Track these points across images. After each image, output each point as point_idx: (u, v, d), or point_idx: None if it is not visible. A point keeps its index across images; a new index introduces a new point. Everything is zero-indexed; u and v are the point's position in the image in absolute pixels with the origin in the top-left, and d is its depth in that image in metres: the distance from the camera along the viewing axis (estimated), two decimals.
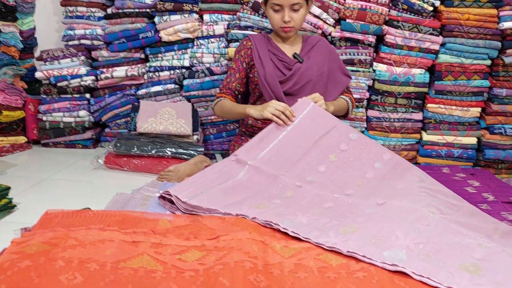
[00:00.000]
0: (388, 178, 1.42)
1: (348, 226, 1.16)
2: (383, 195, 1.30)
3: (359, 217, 1.21)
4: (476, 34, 2.21)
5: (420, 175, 1.45)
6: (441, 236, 1.10)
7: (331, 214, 1.26)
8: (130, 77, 2.47)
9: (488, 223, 1.33)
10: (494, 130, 2.28)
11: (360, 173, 1.46)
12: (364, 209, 1.25)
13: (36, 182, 1.89)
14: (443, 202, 1.31)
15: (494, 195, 1.76)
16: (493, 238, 1.18)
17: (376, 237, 1.08)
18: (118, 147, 2.09)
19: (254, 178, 1.45)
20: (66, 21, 2.47)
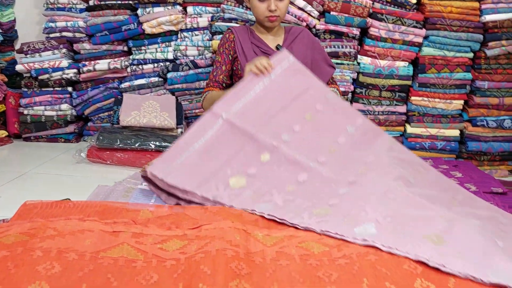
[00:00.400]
0: (359, 146, 1.45)
1: (321, 208, 1.20)
2: (354, 170, 1.35)
3: (331, 198, 1.25)
4: (458, 27, 2.22)
5: (390, 143, 1.50)
6: (406, 209, 1.17)
7: (305, 193, 1.29)
8: (112, 70, 2.44)
9: (448, 191, 1.39)
10: (477, 122, 2.31)
11: (332, 136, 1.47)
12: (337, 188, 1.29)
13: (17, 176, 1.86)
14: (410, 172, 1.37)
15: (476, 186, 1.78)
16: (453, 209, 1.26)
17: (347, 216, 1.14)
18: (101, 141, 2.06)
19: (229, 136, 1.40)
20: (47, 13, 2.43)
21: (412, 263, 0.92)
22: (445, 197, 1.34)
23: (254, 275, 0.87)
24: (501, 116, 2.30)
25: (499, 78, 2.26)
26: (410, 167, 1.41)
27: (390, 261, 0.93)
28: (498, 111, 2.30)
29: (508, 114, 2.30)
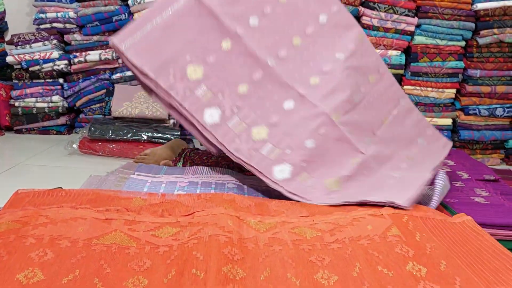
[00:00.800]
0: (323, 43, 1.43)
1: (261, 128, 1.31)
2: (306, 79, 1.37)
3: (273, 114, 1.33)
4: (450, 15, 2.23)
5: (355, 43, 1.46)
6: (327, 148, 1.31)
7: (253, 99, 1.33)
8: (104, 61, 2.42)
9: (389, 104, 1.50)
10: (469, 111, 2.32)
11: (302, 24, 1.41)
12: (283, 101, 1.34)
13: (8, 167, 1.84)
14: (359, 83, 1.42)
15: (468, 173, 1.79)
16: (377, 136, 1.43)
17: (274, 150, 1.28)
18: (93, 132, 2.05)
19: (195, 13, 1.31)
20: (38, 3, 2.40)
21: (404, 247, 0.93)
22: (376, 122, 1.44)
23: (247, 260, 0.87)
24: (493, 105, 2.31)
25: (491, 67, 2.27)
26: (364, 77, 1.44)
27: (382, 246, 0.94)
28: (490, 99, 2.31)
29: (500, 103, 2.32)
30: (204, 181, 1.39)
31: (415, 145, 1.53)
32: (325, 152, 1.32)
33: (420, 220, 1.02)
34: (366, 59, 1.49)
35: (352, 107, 1.38)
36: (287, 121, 1.34)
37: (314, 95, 1.36)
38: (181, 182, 1.36)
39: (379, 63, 1.53)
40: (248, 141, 1.26)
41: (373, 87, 1.46)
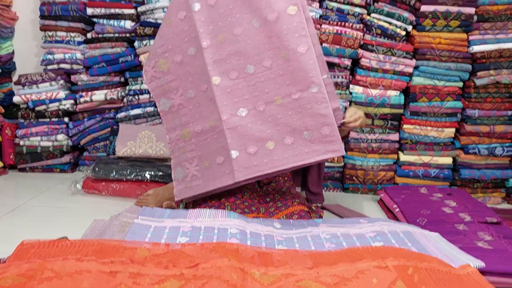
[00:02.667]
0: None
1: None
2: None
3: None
4: (447, 57, 2.29)
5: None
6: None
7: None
8: (109, 100, 2.47)
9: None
10: (469, 150, 2.35)
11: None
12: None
13: (12, 208, 1.85)
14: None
15: (470, 215, 1.80)
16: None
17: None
18: (97, 172, 2.07)
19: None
20: (46, 45, 2.47)
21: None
22: (264, 97, 1.58)
23: None
24: (493, 144, 2.34)
25: (489, 107, 2.31)
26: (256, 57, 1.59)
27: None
28: (489, 138, 2.34)
29: (499, 142, 2.35)
30: (207, 225, 1.39)
31: (294, 136, 1.55)
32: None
33: (425, 272, 1.02)
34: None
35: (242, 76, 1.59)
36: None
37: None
38: (184, 227, 1.37)
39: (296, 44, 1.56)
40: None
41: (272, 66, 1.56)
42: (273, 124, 1.56)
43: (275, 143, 1.55)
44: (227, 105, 1.58)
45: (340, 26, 2.29)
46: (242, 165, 1.57)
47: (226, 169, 1.60)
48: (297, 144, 1.53)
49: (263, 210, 1.67)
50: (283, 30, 1.51)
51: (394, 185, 2.39)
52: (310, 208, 1.77)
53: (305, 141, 1.52)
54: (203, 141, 1.68)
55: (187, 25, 1.66)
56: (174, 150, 1.77)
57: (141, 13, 2.39)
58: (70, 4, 2.38)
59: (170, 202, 1.85)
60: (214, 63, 1.60)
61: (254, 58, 1.57)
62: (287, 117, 1.54)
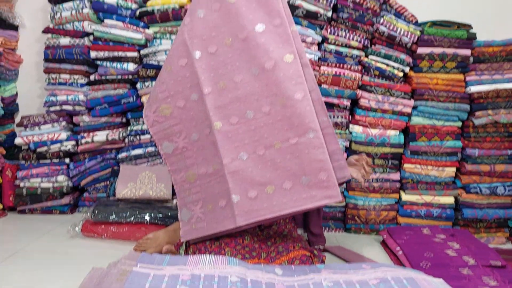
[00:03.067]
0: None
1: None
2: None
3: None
4: (445, 98, 2.31)
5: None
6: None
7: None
8: (111, 141, 2.48)
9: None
10: (470, 189, 2.34)
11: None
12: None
13: (10, 254, 1.83)
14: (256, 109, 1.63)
15: (474, 259, 1.78)
16: None
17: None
18: (96, 215, 2.06)
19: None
20: (49, 87, 2.51)
21: None
22: (264, 142, 1.62)
23: None
24: (494, 183, 2.34)
25: (489, 146, 2.32)
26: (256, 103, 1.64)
27: None
28: (490, 178, 2.34)
29: (500, 181, 2.34)
30: (207, 273, 1.37)
31: (293, 181, 1.56)
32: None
33: None
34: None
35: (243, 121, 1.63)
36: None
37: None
38: (183, 275, 1.35)
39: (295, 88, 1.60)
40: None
41: (271, 112, 1.60)
42: (272, 169, 1.58)
43: (274, 188, 1.56)
44: (228, 149, 1.62)
45: (339, 67, 2.33)
46: (243, 209, 1.58)
47: (228, 213, 1.62)
48: (296, 189, 1.54)
49: (264, 255, 1.65)
50: (280, 77, 1.56)
51: (396, 226, 2.37)
52: (312, 252, 1.74)
53: (303, 186, 1.54)
54: (207, 184, 1.71)
55: (188, 72, 1.72)
56: (180, 192, 1.80)
57: (143, 56, 2.44)
58: (74, 47, 2.44)
59: (170, 246, 1.83)
60: (215, 109, 1.64)
61: (254, 104, 1.60)
62: (286, 161, 1.56)
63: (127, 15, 2.42)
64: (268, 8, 1.64)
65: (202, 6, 1.73)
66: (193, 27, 1.73)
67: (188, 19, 1.75)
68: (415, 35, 2.29)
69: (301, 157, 1.54)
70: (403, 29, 2.28)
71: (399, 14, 2.35)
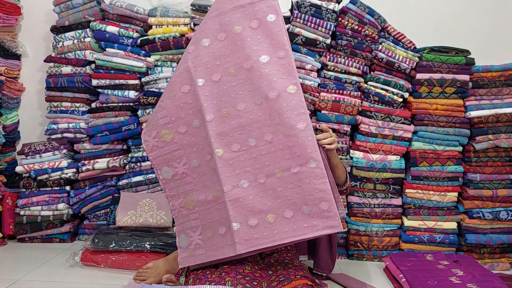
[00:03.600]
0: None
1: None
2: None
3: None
4: (445, 123, 2.32)
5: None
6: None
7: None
8: (111, 168, 2.48)
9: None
10: (473, 214, 2.31)
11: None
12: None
13: (8, 284, 1.81)
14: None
15: (478, 286, 1.75)
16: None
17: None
18: (96, 243, 2.04)
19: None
20: (50, 115, 2.52)
21: None
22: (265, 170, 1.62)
23: None
24: (496, 208, 2.32)
25: (490, 171, 2.31)
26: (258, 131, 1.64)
27: None
28: (492, 203, 2.32)
29: (503, 206, 2.32)
30: None
31: (294, 210, 1.56)
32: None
33: None
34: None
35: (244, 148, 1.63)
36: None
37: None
38: None
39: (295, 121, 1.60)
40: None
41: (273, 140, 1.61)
42: (273, 197, 1.57)
43: (275, 216, 1.56)
44: (229, 176, 1.62)
45: (338, 93, 2.35)
46: (243, 237, 1.57)
47: (228, 241, 1.61)
48: (297, 218, 1.54)
49: (265, 285, 1.63)
50: (283, 107, 1.57)
51: (399, 252, 2.34)
52: (314, 281, 1.72)
53: (304, 215, 1.53)
54: (206, 211, 1.71)
55: (191, 98, 1.74)
56: (178, 217, 1.80)
57: (145, 83, 2.46)
58: (76, 76, 2.46)
59: (170, 276, 1.81)
60: (217, 136, 1.65)
61: (256, 132, 1.62)
62: (287, 190, 1.56)
63: (129, 44, 2.45)
64: (273, 40, 1.66)
65: (207, 35, 1.75)
66: (198, 55, 1.74)
67: (193, 47, 1.77)
68: (413, 61, 2.31)
69: (302, 186, 1.54)
70: (402, 55, 2.31)
71: (397, 41, 2.38)
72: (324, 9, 2.34)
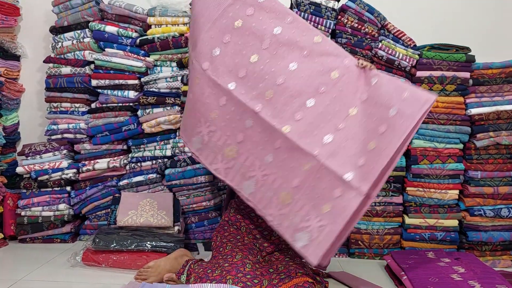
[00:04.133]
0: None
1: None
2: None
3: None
4: (446, 120, 2.31)
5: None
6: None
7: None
8: (112, 168, 2.48)
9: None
10: (474, 212, 2.31)
11: (284, 64, 1.67)
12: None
13: (9, 284, 1.81)
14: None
15: (480, 283, 1.74)
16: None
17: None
18: (97, 243, 2.04)
19: (213, 96, 1.77)
20: (50, 116, 2.52)
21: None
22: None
23: None
24: (498, 205, 2.31)
25: (491, 168, 2.31)
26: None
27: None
28: (494, 200, 2.31)
29: (504, 203, 2.32)
30: None
31: (385, 123, 1.56)
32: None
33: None
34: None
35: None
36: (248, 139, 1.70)
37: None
38: None
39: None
40: (223, 160, 1.75)
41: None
42: (362, 130, 1.59)
43: (374, 141, 1.55)
44: (310, 142, 1.60)
45: None
46: (362, 177, 1.50)
47: (350, 194, 1.50)
48: (390, 130, 1.53)
49: (266, 283, 1.63)
50: (320, 56, 1.67)
51: (400, 250, 2.33)
52: (315, 279, 1.72)
53: (394, 118, 1.53)
54: (309, 190, 1.59)
55: (232, 106, 1.73)
56: (283, 220, 1.64)
57: (144, 83, 2.46)
58: (75, 76, 2.46)
59: (171, 275, 1.81)
60: (274, 118, 1.65)
61: (309, 91, 1.64)
62: (368, 118, 1.59)
63: (128, 44, 2.45)
64: (274, 13, 1.71)
65: (214, 45, 1.76)
66: (216, 67, 1.75)
67: (207, 63, 1.76)
68: (413, 59, 2.30)
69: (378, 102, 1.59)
70: (402, 53, 2.30)
71: (397, 39, 2.38)
72: (324, 7, 2.34)
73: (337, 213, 1.51)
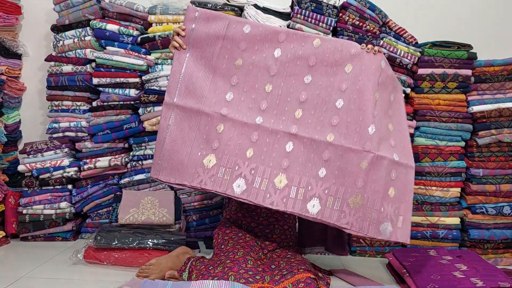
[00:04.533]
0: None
1: (280, 176, 1.66)
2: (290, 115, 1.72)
3: (282, 159, 1.68)
4: (448, 118, 2.31)
5: None
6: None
7: (261, 155, 1.70)
8: (113, 166, 2.48)
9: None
10: (476, 209, 2.31)
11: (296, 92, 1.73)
12: (284, 145, 1.69)
13: (11, 282, 1.81)
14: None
15: (482, 280, 1.74)
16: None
17: (299, 190, 1.64)
18: (99, 241, 2.04)
19: (185, 120, 1.79)
20: (52, 114, 2.52)
21: None
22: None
23: None
24: (500, 203, 2.31)
25: (493, 166, 2.30)
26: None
27: None
28: (496, 198, 2.31)
29: (506, 201, 2.31)
30: None
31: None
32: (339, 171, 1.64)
33: None
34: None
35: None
36: (295, 162, 1.68)
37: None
38: None
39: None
40: (276, 191, 1.65)
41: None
42: (381, 113, 1.69)
43: (391, 125, 1.75)
44: (357, 141, 1.64)
45: None
46: (403, 155, 1.75)
47: (402, 172, 1.73)
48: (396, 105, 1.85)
49: (268, 279, 1.63)
50: (326, 54, 1.72)
51: (402, 247, 2.33)
52: (317, 275, 1.72)
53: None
54: (374, 185, 1.64)
55: (267, 137, 1.74)
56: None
57: (145, 81, 2.46)
58: (77, 74, 2.46)
59: (172, 272, 1.81)
60: (314, 132, 1.71)
61: (333, 94, 1.71)
62: (382, 100, 1.71)
63: (129, 42, 2.45)
64: (266, 37, 1.76)
65: (225, 90, 1.80)
66: (236, 109, 1.77)
67: (225, 109, 1.77)
68: (415, 56, 2.30)
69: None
70: (403, 50, 2.30)
71: (398, 36, 2.37)
72: (325, 5, 2.33)
73: (402, 191, 1.69)
